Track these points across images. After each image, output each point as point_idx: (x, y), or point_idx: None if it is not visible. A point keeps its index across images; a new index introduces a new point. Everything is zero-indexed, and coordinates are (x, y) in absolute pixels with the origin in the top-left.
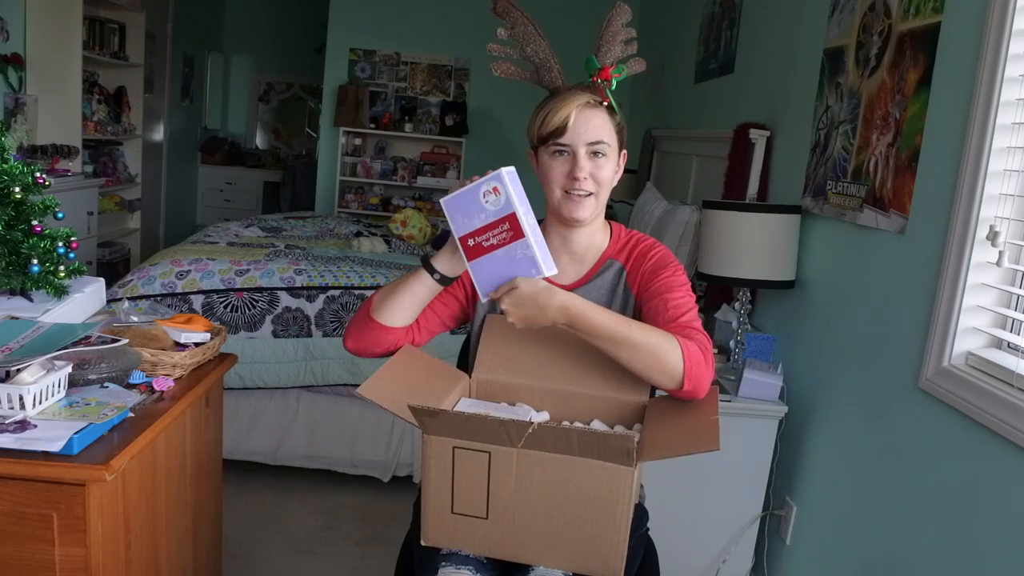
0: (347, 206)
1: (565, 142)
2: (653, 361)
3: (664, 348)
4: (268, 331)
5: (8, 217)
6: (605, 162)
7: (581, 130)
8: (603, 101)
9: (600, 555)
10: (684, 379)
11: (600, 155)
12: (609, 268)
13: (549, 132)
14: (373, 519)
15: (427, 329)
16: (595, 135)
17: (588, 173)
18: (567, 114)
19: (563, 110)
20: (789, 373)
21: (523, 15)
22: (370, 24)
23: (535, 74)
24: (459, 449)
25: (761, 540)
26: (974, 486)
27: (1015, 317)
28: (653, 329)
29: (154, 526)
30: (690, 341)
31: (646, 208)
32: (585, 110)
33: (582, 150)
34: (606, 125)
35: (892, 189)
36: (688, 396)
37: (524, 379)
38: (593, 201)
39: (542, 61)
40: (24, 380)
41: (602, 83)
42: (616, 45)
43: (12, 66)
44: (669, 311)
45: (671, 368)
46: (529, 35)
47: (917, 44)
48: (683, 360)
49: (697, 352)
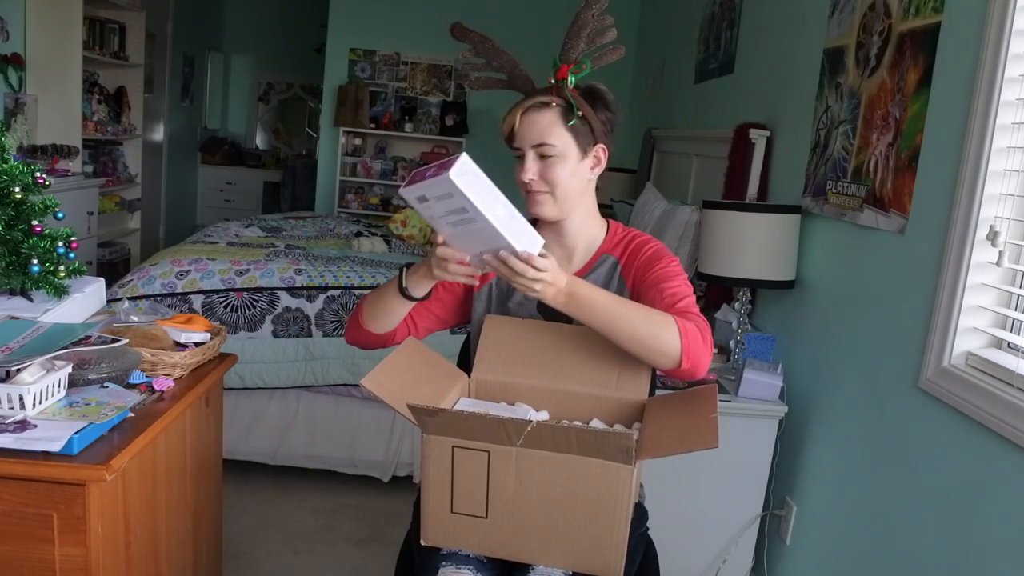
0: (347, 206)
1: (516, 146)
2: (651, 339)
3: (661, 325)
4: (268, 331)
5: (8, 217)
6: (556, 163)
7: (526, 133)
8: (552, 102)
9: (600, 554)
10: (682, 357)
11: (548, 156)
12: (604, 263)
13: (505, 139)
14: (373, 519)
15: (424, 328)
16: (539, 137)
17: (535, 174)
18: (513, 120)
19: (510, 116)
20: (789, 373)
21: (479, 35)
22: (370, 24)
23: (508, 82)
24: (458, 448)
25: (761, 540)
26: (974, 486)
27: (1015, 317)
28: (650, 309)
29: (154, 526)
30: (687, 321)
31: (646, 208)
32: (531, 113)
33: (530, 153)
34: (554, 126)
35: (892, 189)
36: (687, 376)
37: (524, 378)
38: (550, 200)
39: (509, 70)
40: (24, 380)
41: (559, 83)
42: (581, 40)
43: (12, 66)
44: (665, 299)
45: (668, 346)
46: (490, 50)
47: (917, 44)
48: (680, 338)
49: (695, 330)
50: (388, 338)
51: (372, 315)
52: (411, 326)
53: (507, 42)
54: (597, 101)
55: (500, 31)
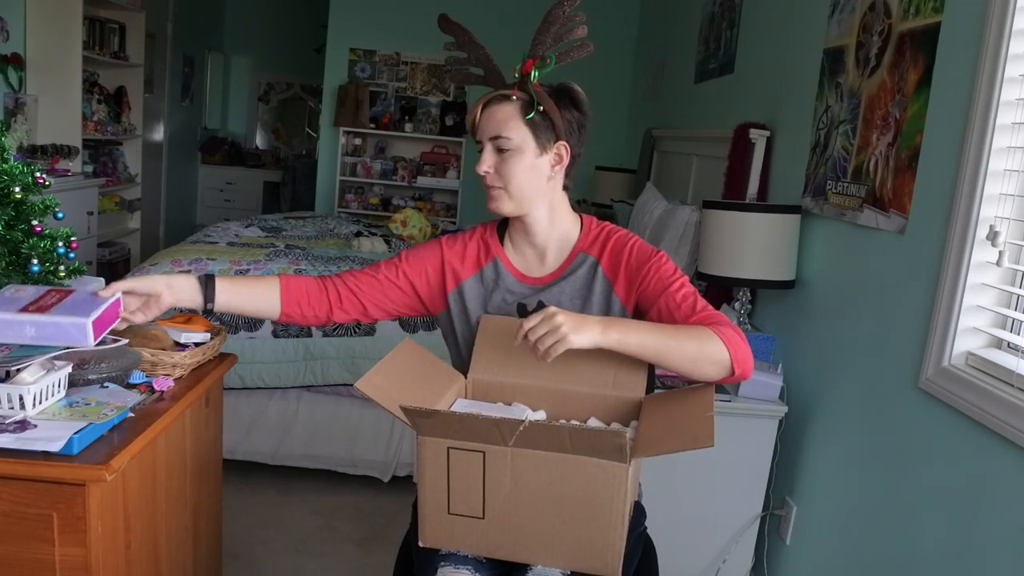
0: (347, 206)
1: (477, 138)
2: (702, 357)
3: (704, 340)
4: (268, 331)
5: (8, 217)
6: (511, 156)
7: (484, 125)
8: (513, 95)
9: (597, 553)
10: (733, 365)
11: (505, 150)
12: (583, 263)
13: (469, 131)
14: (373, 519)
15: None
16: (495, 129)
17: (489, 167)
18: (475, 112)
19: (474, 109)
20: (789, 373)
21: (459, 27)
22: (370, 24)
23: (483, 77)
24: (453, 450)
25: (761, 540)
26: (974, 486)
27: (1015, 317)
28: (686, 328)
29: (154, 526)
30: (723, 327)
31: (646, 208)
32: (491, 105)
33: (488, 145)
34: (511, 119)
35: (892, 189)
36: (739, 379)
37: (520, 378)
38: (505, 196)
39: (484, 64)
40: (24, 380)
41: (522, 77)
42: (549, 36)
43: (12, 66)
44: (682, 308)
45: (718, 357)
46: (468, 44)
47: (917, 44)
48: (726, 347)
49: (734, 335)
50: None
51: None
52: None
53: (508, 42)
54: (564, 98)
55: (500, 31)
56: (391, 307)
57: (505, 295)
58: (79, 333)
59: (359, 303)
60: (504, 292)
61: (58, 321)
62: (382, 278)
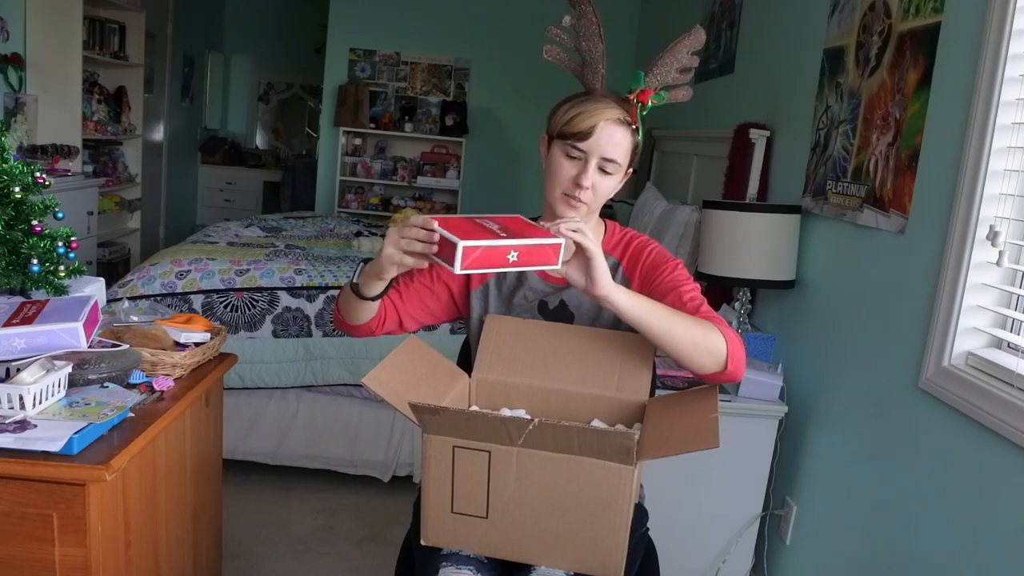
0: (347, 206)
1: (583, 148)
2: (703, 341)
3: (708, 329)
4: (268, 331)
5: (8, 217)
6: (610, 179)
7: (602, 143)
8: (632, 123)
9: (600, 555)
10: (727, 360)
11: (608, 173)
12: None
13: (572, 133)
14: (373, 519)
15: (413, 318)
16: (612, 152)
17: (591, 184)
18: (594, 124)
19: (592, 118)
20: (789, 373)
21: (594, 11)
22: (370, 24)
23: (580, 68)
24: (459, 448)
25: (761, 540)
26: (974, 486)
27: (1015, 317)
28: (692, 316)
29: (154, 526)
30: (726, 327)
31: (646, 208)
32: (610, 125)
33: (594, 161)
34: (624, 144)
35: (892, 189)
36: (728, 379)
37: (524, 378)
38: (586, 208)
39: (591, 60)
40: (24, 380)
41: (636, 103)
42: (671, 71)
43: (12, 66)
44: (687, 305)
45: (717, 349)
46: (590, 32)
47: (917, 44)
48: (726, 342)
49: (734, 335)
50: (369, 328)
51: (344, 309)
52: (399, 316)
53: (506, 41)
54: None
55: (501, 30)
56: (425, 316)
57: (527, 293)
58: (72, 338)
59: (397, 317)
60: (526, 290)
61: (49, 330)
62: (418, 286)
